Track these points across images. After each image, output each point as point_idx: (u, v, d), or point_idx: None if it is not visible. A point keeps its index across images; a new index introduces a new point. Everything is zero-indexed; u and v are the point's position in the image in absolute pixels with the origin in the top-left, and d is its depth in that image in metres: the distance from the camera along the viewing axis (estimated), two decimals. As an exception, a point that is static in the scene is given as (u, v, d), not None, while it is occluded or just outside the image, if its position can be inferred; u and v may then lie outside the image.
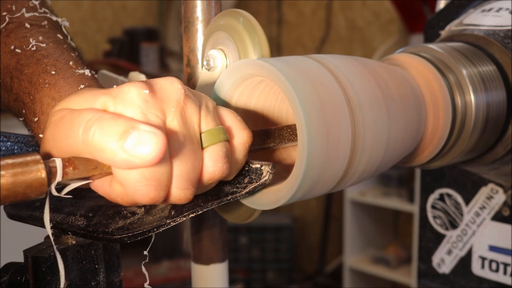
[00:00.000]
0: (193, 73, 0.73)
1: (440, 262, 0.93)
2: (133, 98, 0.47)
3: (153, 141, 0.45)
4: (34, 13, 0.71)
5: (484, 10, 0.83)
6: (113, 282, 0.59)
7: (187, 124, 0.49)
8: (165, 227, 0.53)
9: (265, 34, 0.61)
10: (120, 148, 0.45)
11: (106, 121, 0.45)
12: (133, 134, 0.45)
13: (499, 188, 0.84)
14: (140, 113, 0.47)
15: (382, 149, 0.62)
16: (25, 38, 0.68)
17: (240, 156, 0.54)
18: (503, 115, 0.76)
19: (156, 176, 0.47)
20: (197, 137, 0.50)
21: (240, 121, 0.55)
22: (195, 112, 0.50)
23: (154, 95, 0.48)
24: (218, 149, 0.51)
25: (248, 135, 0.54)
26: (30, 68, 0.66)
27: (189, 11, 0.72)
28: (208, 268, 0.78)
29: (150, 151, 0.45)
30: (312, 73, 0.57)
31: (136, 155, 0.45)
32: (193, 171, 0.49)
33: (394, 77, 0.67)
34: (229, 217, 0.69)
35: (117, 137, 0.45)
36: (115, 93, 0.48)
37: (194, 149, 0.49)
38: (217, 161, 0.51)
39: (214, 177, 0.51)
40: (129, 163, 0.45)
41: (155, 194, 0.47)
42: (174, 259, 3.26)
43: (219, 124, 0.52)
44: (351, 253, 3.10)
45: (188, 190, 0.50)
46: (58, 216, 0.57)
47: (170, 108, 0.49)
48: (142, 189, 0.47)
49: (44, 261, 0.53)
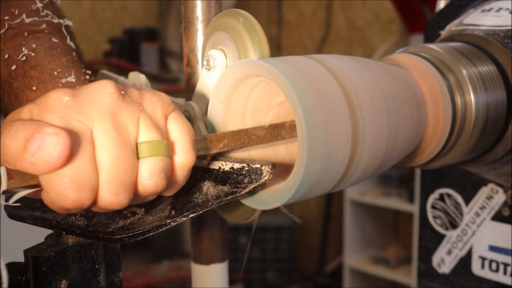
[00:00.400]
0: (193, 73, 0.73)
1: (440, 262, 0.93)
2: (53, 103, 0.47)
3: (54, 142, 0.44)
4: (35, 18, 0.71)
5: (484, 10, 0.83)
6: (113, 282, 0.59)
7: (120, 130, 0.48)
8: (165, 227, 0.53)
9: (265, 34, 0.61)
10: (27, 153, 0.44)
11: (15, 127, 0.45)
12: (37, 137, 0.44)
13: (499, 188, 0.84)
14: (58, 118, 0.46)
15: (382, 149, 0.62)
16: (19, 47, 0.68)
17: (180, 177, 0.52)
18: (503, 115, 0.76)
19: (75, 178, 0.46)
20: (131, 143, 0.48)
21: (189, 140, 0.52)
22: (130, 118, 0.49)
23: (77, 100, 0.47)
24: (156, 162, 0.49)
25: (191, 158, 0.52)
26: (17, 81, 0.66)
27: (189, 11, 0.72)
28: (208, 268, 0.78)
29: (52, 153, 0.44)
30: (312, 73, 0.57)
31: (41, 158, 0.44)
32: (126, 177, 0.48)
33: (394, 77, 0.67)
34: (229, 217, 0.69)
35: (23, 141, 0.44)
36: (39, 100, 0.47)
37: (127, 155, 0.48)
38: (152, 175, 0.49)
39: (147, 190, 0.49)
40: (36, 167, 0.44)
41: (76, 196, 0.46)
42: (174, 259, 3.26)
43: (163, 137, 0.50)
44: (351, 253, 3.10)
45: (120, 195, 0.48)
46: (59, 216, 0.57)
47: (98, 113, 0.47)
48: (63, 192, 0.46)
49: (44, 261, 0.53)
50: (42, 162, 0.44)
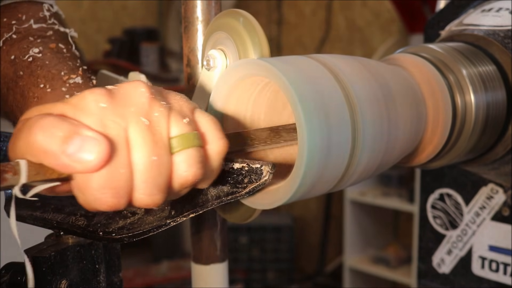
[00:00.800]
0: (193, 73, 0.73)
1: (440, 262, 0.93)
2: (89, 105, 0.47)
3: (95, 148, 0.44)
4: (42, 24, 0.72)
5: (484, 10, 0.83)
6: (114, 282, 0.59)
7: (152, 129, 0.48)
8: (165, 227, 0.53)
9: (265, 34, 0.61)
10: (62, 153, 0.44)
11: (49, 123, 0.45)
12: (76, 139, 0.44)
13: (499, 188, 0.84)
14: (96, 120, 0.46)
15: (382, 149, 0.62)
16: (26, 49, 0.68)
17: (215, 164, 0.53)
18: (503, 115, 0.76)
19: (113, 183, 0.46)
20: (164, 142, 0.48)
21: (218, 128, 0.53)
22: (162, 116, 0.49)
23: (113, 101, 0.47)
24: (192, 153, 0.49)
25: (224, 144, 0.53)
26: (24, 80, 0.66)
27: (189, 11, 0.72)
28: (208, 268, 0.78)
29: (92, 158, 0.44)
30: (312, 73, 0.57)
31: (78, 161, 0.44)
32: (160, 177, 0.48)
33: (394, 77, 0.67)
34: (229, 217, 0.69)
35: (60, 140, 0.44)
36: (73, 101, 0.47)
37: (161, 155, 0.48)
38: (190, 165, 0.49)
39: (187, 181, 0.50)
40: (70, 168, 0.45)
41: (114, 202, 0.46)
42: (174, 259, 3.26)
43: (193, 129, 0.51)
44: (351, 253, 3.10)
45: (155, 196, 0.48)
46: (59, 216, 0.57)
47: (133, 113, 0.48)
48: (100, 198, 0.46)
49: (44, 261, 0.53)
50: (79, 164, 0.44)
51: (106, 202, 0.46)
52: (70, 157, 0.44)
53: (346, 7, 3.48)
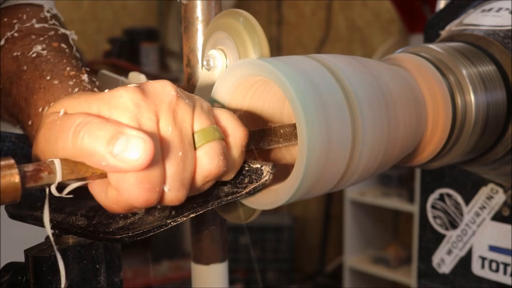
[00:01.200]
0: (193, 73, 0.73)
1: (440, 262, 0.93)
2: (126, 103, 0.47)
3: (141, 147, 0.45)
4: (44, 24, 0.72)
5: (484, 10, 0.83)
6: (114, 282, 0.59)
7: (179, 125, 0.50)
8: (165, 227, 0.53)
9: (265, 34, 0.61)
10: (109, 153, 0.45)
11: (95, 125, 0.46)
12: (121, 139, 0.45)
13: (499, 188, 0.84)
14: (133, 118, 0.47)
15: (382, 149, 0.62)
16: (29, 45, 0.69)
17: (237, 154, 0.54)
18: (503, 115, 0.76)
19: (150, 179, 0.47)
20: (189, 137, 0.50)
21: (236, 119, 0.55)
22: (188, 113, 0.50)
23: (147, 99, 0.48)
24: (214, 146, 0.51)
25: (244, 133, 0.55)
26: (28, 73, 0.66)
27: (189, 11, 0.72)
28: (208, 268, 0.78)
29: (138, 157, 0.45)
30: (312, 73, 0.57)
31: (124, 160, 0.45)
32: (185, 172, 0.49)
33: (394, 77, 0.67)
34: (229, 217, 0.69)
35: (105, 142, 0.45)
36: (108, 98, 0.48)
37: (186, 150, 0.49)
38: (213, 158, 0.51)
39: (210, 174, 0.51)
40: (117, 168, 0.46)
41: (149, 196, 0.47)
42: (174, 259, 3.26)
43: (213, 124, 0.52)
44: (351, 253, 3.10)
45: (179, 192, 0.50)
46: (59, 216, 0.57)
47: (163, 110, 0.49)
48: (136, 192, 0.47)
49: (44, 261, 0.53)
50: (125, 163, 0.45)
51: (142, 197, 0.47)
52: (116, 157, 0.45)
53: (346, 7, 3.48)
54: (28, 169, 0.44)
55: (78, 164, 0.46)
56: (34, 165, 0.44)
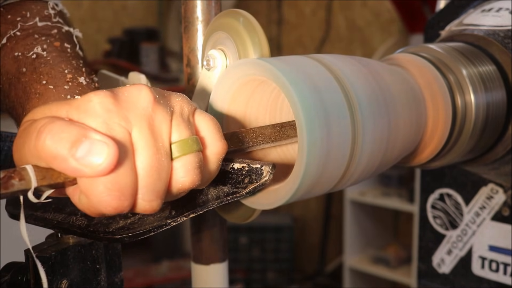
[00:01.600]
0: (193, 73, 0.73)
1: (440, 262, 0.93)
2: (94, 107, 0.46)
3: (105, 152, 0.44)
4: (47, 22, 0.71)
5: (484, 10, 0.83)
6: (114, 282, 0.59)
7: (155, 134, 0.48)
8: (165, 227, 0.53)
9: (265, 34, 0.61)
10: (72, 157, 0.44)
11: (58, 127, 0.45)
12: (85, 143, 0.44)
13: (499, 188, 0.84)
14: (102, 123, 0.46)
15: (382, 149, 0.62)
16: (30, 46, 0.68)
17: (213, 166, 0.53)
18: (503, 115, 0.76)
19: (119, 186, 0.46)
20: (165, 147, 0.48)
21: (217, 130, 0.53)
22: (165, 120, 0.49)
23: (118, 104, 0.47)
24: (191, 159, 0.49)
25: (223, 147, 0.53)
26: (26, 76, 0.66)
27: (189, 11, 0.72)
28: (208, 268, 0.78)
29: (101, 162, 0.44)
30: (312, 73, 0.57)
31: (87, 165, 0.44)
32: (160, 182, 0.48)
33: (394, 77, 0.67)
34: (229, 217, 0.69)
35: (68, 144, 0.44)
36: (78, 103, 0.47)
37: (161, 160, 0.48)
38: (188, 171, 0.49)
39: (184, 187, 0.50)
40: (80, 172, 0.44)
41: (118, 204, 0.46)
42: (174, 259, 3.26)
43: (193, 133, 0.51)
44: (351, 253, 3.10)
45: (153, 202, 0.48)
46: (59, 216, 0.57)
47: (136, 117, 0.47)
48: (105, 199, 0.46)
49: (45, 260, 0.53)
50: (88, 168, 0.44)
51: (111, 204, 0.46)
52: (79, 160, 0.44)
53: (346, 7, 3.48)
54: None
55: (49, 170, 0.45)
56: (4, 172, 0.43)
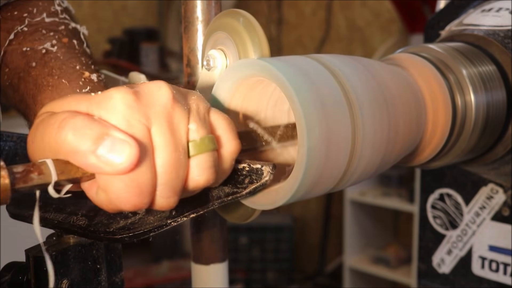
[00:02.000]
0: (193, 73, 0.73)
1: (440, 262, 0.93)
2: (116, 104, 0.46)
3: (126, 151, 0.44)
4: (55, 19, 0.72)
5: (484, 10, 0.83)
6: (115, 282, 0.59)
7: (173, 131, 0.48)
8: (166, 227, 0.53)
9: (265, 34, 0.61)
10: (92, 154, 0.44)
11: (80, 122, 0.45)
12: (107, 141, 0.44)
13: (499, 188, 0.84)
14: (123, 120, 0.46)
15: (382, 149, 0.62)
16: (39, 41, 0.68)
17: (227, 165, 0.53)
18: (503, 115, 0.76)
19: (138, 183, 0.46)
20: (183, 145, 0.49)
21: (232, 129, 0.53)
22: (183, 118, 0.49)
23: (139, 101, 0.47)
24: (206, 158, 0.50)
25: (237, 146, 0.53)
26: (37, 70, 0.66)
27: (189, 11, 0.72)
28: (208, 268, 0.78)
29: (122, 161, 0.44)
30: (312, 73, 0.57)
31: (108, 163, 0.44)
32: (177, 180, 0.48)
33: (394, 77, 0.67)
34: (229, 217, 0.69)
35: (91, 141, 0.44)
36: (99, 99, 0.47)
37: (180, 158, 0.48)
38: (204, 170, 0.50)
39: (198, 185, 0.50)
40: (100, 169, 0.45)
41: (138, 201, 0.47)
42: (174, 259, 3.26)
43: (209, 132, 0.51)
44: (351, 253, 3.10)
45: (171, 199, 0.49)
46: (60, 216, 0.57)
47: (156, 114, 0.47)
48: (125, 196, 0.46)
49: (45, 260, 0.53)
50: (108, 166, 0.44)
51: (130, 201, 0.46)
52: (100, 158, 0.44)
53: (346, 7, 3.49)
54: (18, 170, 0.43)
55: (68, 164, 0.45)
56: (23, 166, 0.43)
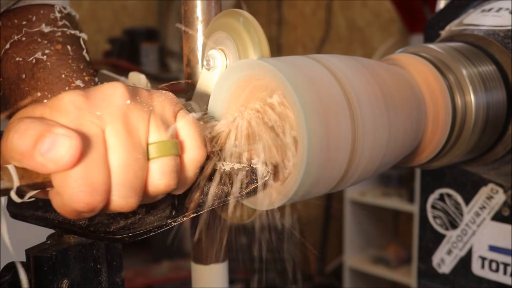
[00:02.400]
0: (193, 73, 0.73)
1: (440, 262, 0.93)
2: (66, 105, 0.46)
3: (67, 145, 0.44)
4: (53, 28, 0.72)
5: (484, 10, 0.83)
6: (115, 282, 0.59)
7: (130, 132, 0.48)
8: (166, 227, 0.53)
9: (265, 34, 0.61)
10: (37, 152, 0.44)
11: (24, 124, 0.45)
12: (48, 137, 0.44)
13: (499, 188, 0.84)
14: (73, 120, 0.46)
15: (382, 149, 0.62)
16: (32, 51, 0.69)
17: (190, 173, 0.52)
18: (503, 115, 0.76)
19: (89, 181, 0.46)
20: (142, 146, 0.48)
21: (198, 137, 0.52)
22: (142, 119, 0.49)
23: (90, 102, 0.47)
24: (167, 162, 0.49)
25: (202, 154, 0.52)
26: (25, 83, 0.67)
27: (189, 11, 0.72)
28: (208, 268, 0.78)
29: (63, 154, 0.44)
30: (312, 73, 0.58)
31: (51, 159, 0.44)
32: (136, 180, 0.48)
33: (394, 77, 0.67)
34: (229, 217, 0.69)
35: (33, 140, 0.44)
36: (51, 103, 0.47)
37: (137, 158, 0.48)
38: (164, 174, 0.49)
39: (159, 189, 0.50)
40: (45, 167, 0.44)
41: (90, 199, 0.46)
42: (174, 259, 3.26)
43: (173, 135, 0.50)
44: (351, 253, 3.10)
45: (130, 199, 0.48)
46: (60, 216, 0.57)
47: (110, 114, 0.47)
48: (77, 195, 0.46)
49: (45, 260, 0.53)
50: (51, 162, 0.44)
51: (82, 200, 0.46)
52: (44, 155, 0.44)
53: (346, 7, 3.48)
54: None
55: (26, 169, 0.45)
56: None
